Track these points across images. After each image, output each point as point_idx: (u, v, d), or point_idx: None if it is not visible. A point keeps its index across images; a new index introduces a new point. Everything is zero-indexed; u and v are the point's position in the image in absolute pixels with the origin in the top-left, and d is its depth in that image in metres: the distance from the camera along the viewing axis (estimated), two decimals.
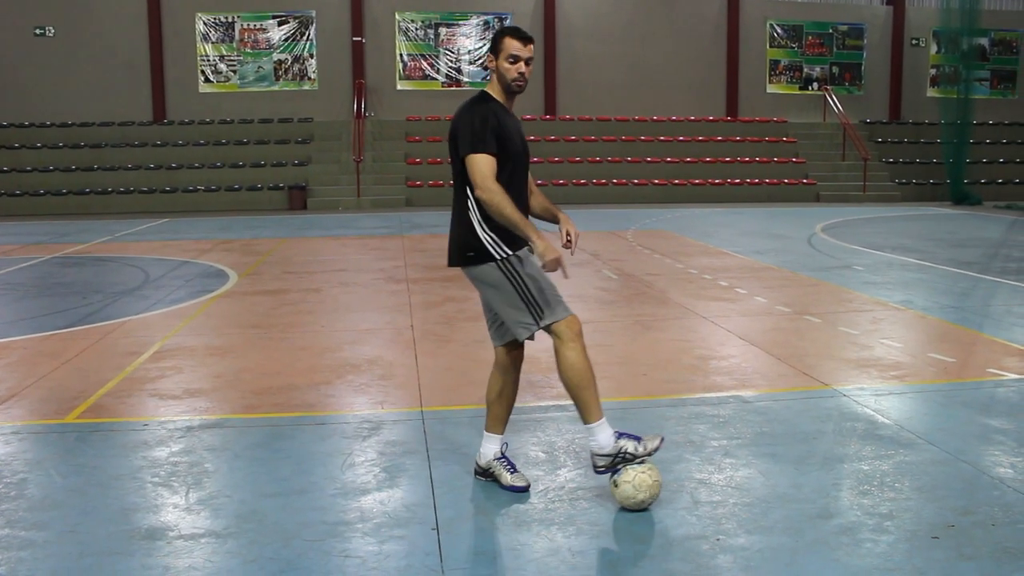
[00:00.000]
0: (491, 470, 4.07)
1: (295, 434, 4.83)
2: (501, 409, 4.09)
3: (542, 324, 3.80)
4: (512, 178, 3.88)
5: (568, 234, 3.94)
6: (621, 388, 5.73)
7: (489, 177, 3.76)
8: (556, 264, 3.66)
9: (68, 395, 5.59)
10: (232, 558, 3.36)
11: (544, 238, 3.69)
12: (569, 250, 3.95)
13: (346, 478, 4.16)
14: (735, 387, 5.67)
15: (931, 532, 3.51)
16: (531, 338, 3.89)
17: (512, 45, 3.87)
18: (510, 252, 3.83)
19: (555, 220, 4.08)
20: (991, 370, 6.04)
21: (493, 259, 3.82)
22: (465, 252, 3.90)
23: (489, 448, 4.09)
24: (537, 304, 3.79)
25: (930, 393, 5.55)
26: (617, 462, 3.76)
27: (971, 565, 3.24)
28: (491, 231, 3.83)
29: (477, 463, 4.14)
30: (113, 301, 9.19)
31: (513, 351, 4.04)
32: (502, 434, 4.12)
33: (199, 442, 4.70)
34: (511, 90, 3.93)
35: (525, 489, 3.97)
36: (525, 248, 3.86)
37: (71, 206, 22.23)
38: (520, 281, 3.81)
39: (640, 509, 3.72)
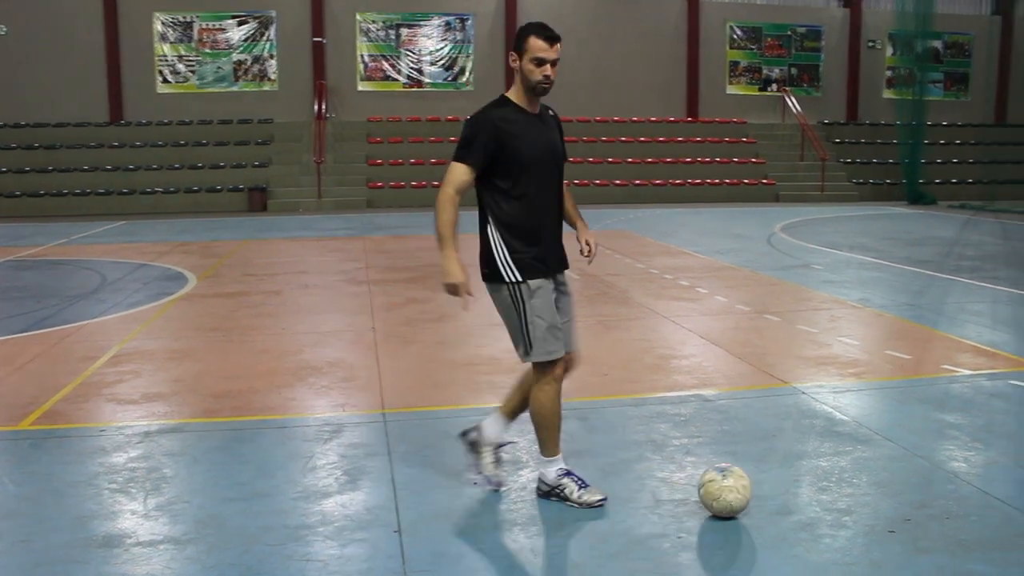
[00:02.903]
0: (480, 451, 4.02)
1: (256, 438, 4.78)
2: (523, 410, 3.99)
3: (527, 360, 3.78)
4: (531, 187, 3.73)
5: (587, 243, 3.91)
6: (583, 388, 5.74)
7: (450, 184, 3.69)
8: (451, 290, 3.65)
9: (22, 401, 5.49)
10: (191, 564, 3.31)
11: (453, 260, 3.63)
12: (587, 258, 3.91)
13: (307, 481, 4.13)
14: (696, 386, 5.72)
15: (888, 526, 3.57)
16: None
17: (538, 47, 3.68)
18: (521, 279, 3.71)
19: (573, 226, 4.02)
20: (946, 366, 6.14)
21: (504, 281, 3.74)
22: (482, 268, 3.83)
23: (492, 428, 4.02)
24: (530, 340, 3.72)
25: (887, 390, 5.64)
26: (553, 495, 3.84)
27: (927, 558, 3.30)
28: (507, 253, 3.73)
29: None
30: (69, 305, 9.04)
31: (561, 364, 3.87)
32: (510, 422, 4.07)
33: (157, 447, 4.63)
34: (536, 92, 3.75)
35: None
36: (541, 279, 3.74)
37: (25, 208, 21.82)
38: (524, 312, 3.72)
39: (726, 515, 3.66)
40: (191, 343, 7.16)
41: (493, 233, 3.76)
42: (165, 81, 25.30)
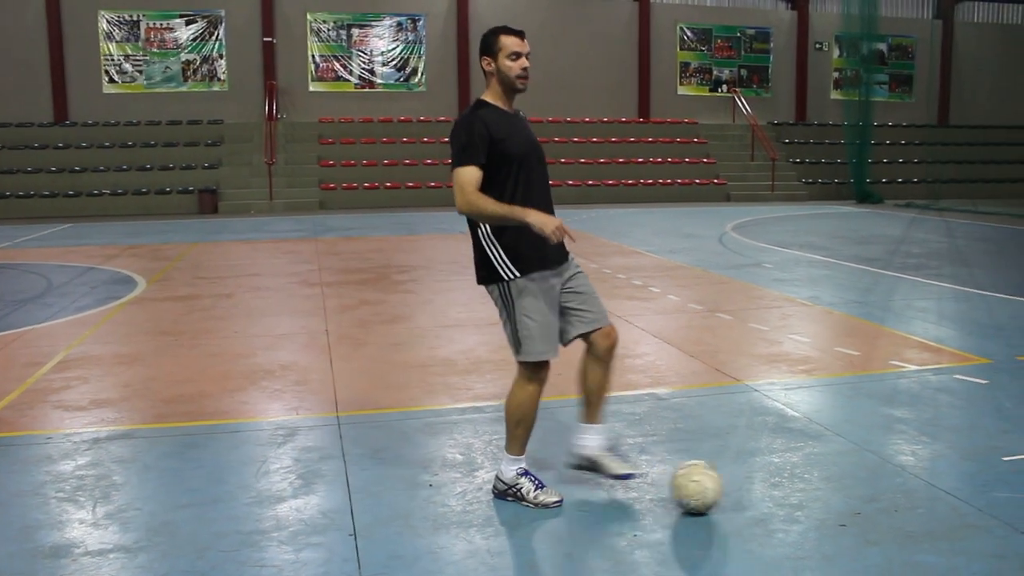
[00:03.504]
0: (599, 461, 3.94)
1: (208, 443, 4.72)
2: (598, 399, 3.98)
3: (518, 358, 3.82)
4: (522, 178, 3.78)
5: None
6: None
7: (467, 187, 3.65)
8: (560, 231, 3.60)
9: None
10: (143, 572, 3.26)
11: (536, 215, 3.60)
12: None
13: (261, 486, 4.09)
14: (650, 384, 5.76)
15: (839, 520, 3.63)
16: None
17: (511, 42, 3.77)
18: (516, 275, 3.73)
19: None
20: (893, 362, 6.27)
21: (499, 280, 3.76)
22: (478, 272, 3.85)
23: (593, 440, 3.95)
24: (519, 340, 3.77)
25: (837, 386, 5.73)
26: (510, 494, 3.87)
27: (876, 550, 3.36)
28: (499, 249, 3.75)
29: (582, 455, 3.96)
30: (13, 310, 8.84)
31: (592, 343, 3.91)
32: (603, 423, 4.01)
33: (107, 454, 4.55)
34: (515, 88, 3.80)
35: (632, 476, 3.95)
36: (540, 273, 3.76)
37: None
38: (512, 311, 3.77)
39: (696, 511, 3.68)
40: (140, 347, 7.04)
41: (485, 235, 3.78)
42: (112, 81, 24.85)
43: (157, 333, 7.59)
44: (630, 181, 25.11)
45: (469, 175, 3.66)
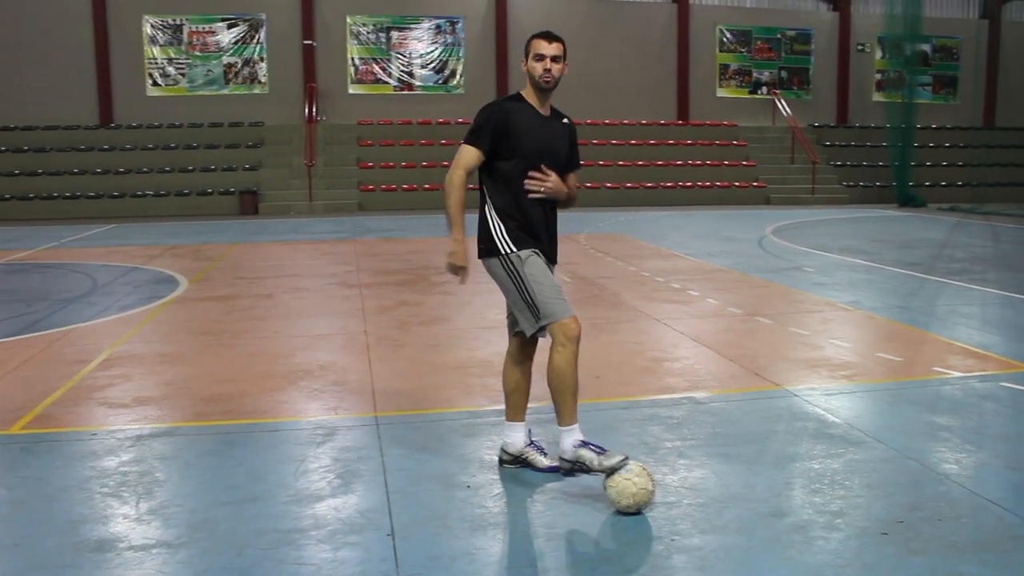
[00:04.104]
0: (524, 456, 4.21)
1: (247, 441, 4.77)
2: (520, 398, 4.24)
3: (539, 325, 3.95)
4: (523, 177, 4.02)
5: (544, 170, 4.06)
6: None
7: (460, 165, 4.01)
8: (452, 270, 3.99)
9: (12, 405, 5.46)
10: (184, 568, 3.30)
11: (461, 244, 3.95)
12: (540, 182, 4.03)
13: (300, 485, 4.12)
14: (688, 388, 5.73)
15: (880, 528, 3.58)
16: (541, 335, 4.02)
17: (537, 44, 4.07)
18: (514, 250, 3.97)
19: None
20: (937, 369, 6.17)
21: (499, 254, 4.00)
22: (479, 243, 4.09)
23: (517, 436, 4.22)
24: (535, 305, 3.93)
25: (878, 392, 5.65)
26: (576, 469, 3.97)
27: (919, 560, 3.31)
28: (501, 225, 4.01)
29: (505, 452, 4.26)
30: (59, 309, 9.00)
31: (526, 345, 4.18)
32: (524, 421, 4.24)
33: (149, 451, 4.62)
34: (539, 86, 4.06)
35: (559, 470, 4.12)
36: (531, 249, 4.00)
37: (15, 212, 21.73)
38: (520, 280, 3.95)
39: (629, 513, 3.73)
40: (182, 347, 7.14)
41: (491, 212, 4.05)
42: (155, 84, 25.23)
43: (198, 332, 7.69)
44: (668, 183, 24.98)
45: (468, 156, 4.03)
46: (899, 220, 19.62)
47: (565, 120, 4.23)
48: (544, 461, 4.18)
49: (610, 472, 3.78)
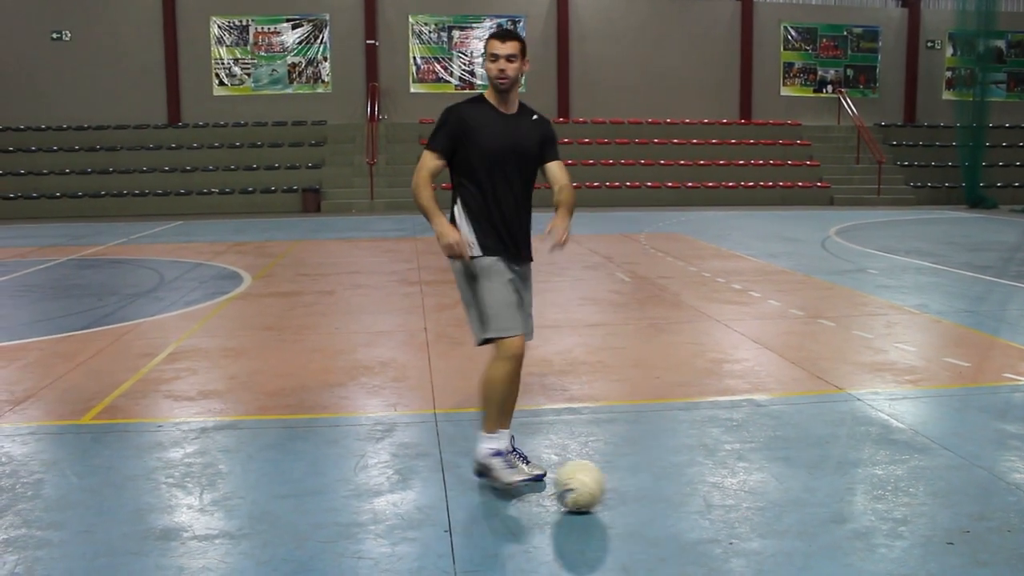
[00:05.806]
0: (489, 467, 4.09)
1: (308, 436, 4.84)
2: (508, 405, 4.15)
3: (485, 336, 3.94)
4: (490, 179, 3.99)
5: (553, 227, 3.94)
6: (634, 391, 5.72)
7: (422, 168, 4.03)
8: (448, 249, 3.87)
9: (84, 396, 5.63)
10: (245, 559, 3.37)
11: (443, 223, 3.89)
12: (555, 244, 3.91)
13: (359, 480, 4.17)
14: (748, 391, 5.66)
15: (946, 538, 3.49)
16: (487, 341, 3.94)
17: (492, 45, 4.00)
18: (479, 255, 3.94)
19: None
20: (1007, 375, 6.00)
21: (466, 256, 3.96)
22: None
23: (484, 446, 4.13)
24: (486, 315, 3.91)
25: (945, 398, 5.52)
26: (483, 473, 3.99)
27: (986, 571, 3.22)
28: (469, 226, 3.98)
29: (476, 460, 4.15)
30: (128, 303, 9.25)
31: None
32: (508, 428, 4.19)
33: (213, 443, 4.72)
34: (496, 87, 4.02)
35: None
36: (496, 257, 3.94)
37: (86, 208, 22.39)
38: (478, 287, 3.94)
39: (580, 504, 3.73)
40: (246, 341, 7.27)
41: (460, 212, 4.04)
42: (221, 84, 25.75)
43: (261, 328, 7.83)
44: (730, 183, 24.69)
45: (426, 159, 4.06)
46: (968, 222, 19.11)
47: (535, 117, 4.14)
48: (524, 470, 4.07)
49: (507, 487, 3.87)
